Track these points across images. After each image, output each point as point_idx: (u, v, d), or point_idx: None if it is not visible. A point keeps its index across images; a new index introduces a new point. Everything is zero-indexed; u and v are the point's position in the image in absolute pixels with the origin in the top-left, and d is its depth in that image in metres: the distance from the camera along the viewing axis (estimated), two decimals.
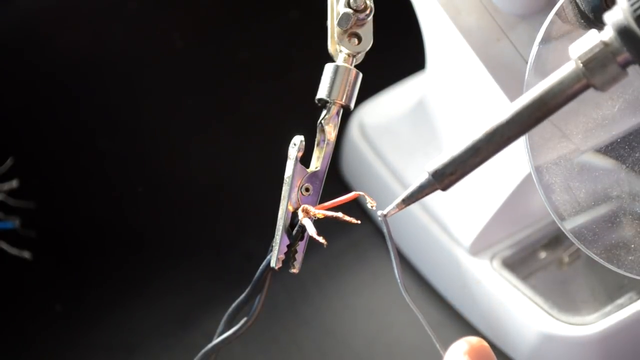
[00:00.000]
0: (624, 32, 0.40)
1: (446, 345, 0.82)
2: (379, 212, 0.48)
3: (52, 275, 0.86)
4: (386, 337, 0.82)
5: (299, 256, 0.51)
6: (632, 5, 0.40)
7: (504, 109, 0.43)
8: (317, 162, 0.52)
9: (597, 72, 0.41)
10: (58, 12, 0.91)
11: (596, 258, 0.58)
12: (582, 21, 0.56)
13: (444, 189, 0.45)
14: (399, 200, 0.48)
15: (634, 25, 0.40)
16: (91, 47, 0.93)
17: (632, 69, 0.42)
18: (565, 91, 0.42)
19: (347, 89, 0.52)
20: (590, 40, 0.42)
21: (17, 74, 0.90)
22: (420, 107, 0.84)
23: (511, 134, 0.44)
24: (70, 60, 0.92)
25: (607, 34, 0.41)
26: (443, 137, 0.81)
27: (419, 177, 0.46)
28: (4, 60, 0.89)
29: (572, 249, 0.79)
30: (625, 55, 0.41)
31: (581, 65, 0.41)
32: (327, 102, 0.52)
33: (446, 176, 0.45)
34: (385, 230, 0.49)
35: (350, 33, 0.52)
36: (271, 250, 0.51)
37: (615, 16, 0.41)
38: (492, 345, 0.80)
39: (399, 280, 0.49)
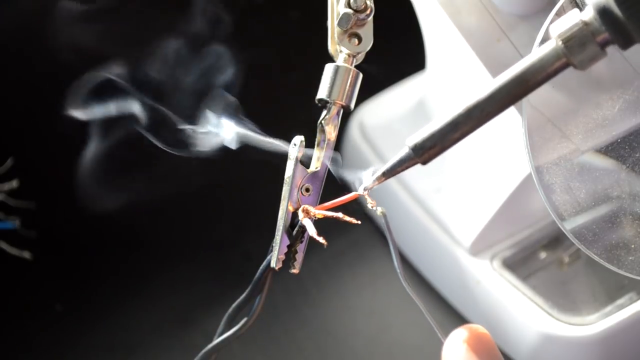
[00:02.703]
0: (603, 12, 0.41)
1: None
2: (360, 188, 0.48)
3: (52, 275, 0.86)
4: (386, 337, 0.82)
5: (299, 256, 0.51)
6: None
7: (485, 85, 0.44)
8: (317, 162, 0.52)
9: (576, 51, 0.42)
10: (58, 12, 0.91)
11: (596, 258, 0.58)
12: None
13: (424, 162, 0.45)
14: (379, 173, 0.47)
15: (613, 5, 0.40)
16: (91, 47, 0.93)
17: (632, 69, 0.42)
18: (545, 69, 0.43)
19: (347, 89, 0.52)
20: (570, 20, 0.42)
21: (17, 74, 0.90)
22: (420, 107, 0.84)
23: (490, 109, 0.44)
24: (70, 60, 0.92)
25: (588, 13, 0.41)
26: None
27: (400, 150, 0.46)
28: (4, 60, 0.89)
29: (573, 249, 0.79)
30: (604, 35, 0.41)
31: (561, 43, 0.42)
32: (327, 102, 0.52)
33: (426, 150, 0.45)
34: (383, 224, 0.49)
35: (351, 33, 0.52)
36: (271, 251, 0.51)
37: None
38: None
39: (397, 269, 0.49)
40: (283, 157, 0.52)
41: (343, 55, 0.52)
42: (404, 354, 0.81)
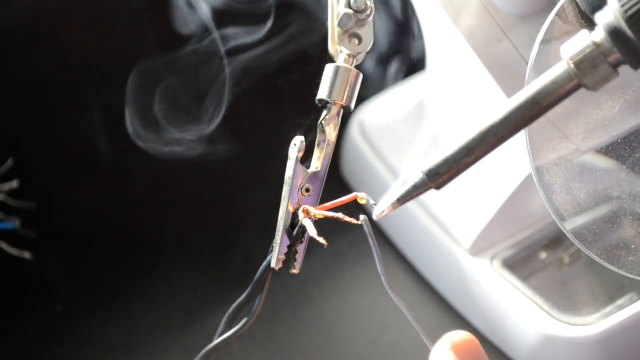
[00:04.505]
0: (614, 33, 0.41)
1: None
2: (374, 214, 0.48)
3: (52, 275, 0.86)
4: (386, 337, 0.82)
5: (299, 256, 0.51)
6: (622, 6, 0.40)
7: (497, 108, 0.44)
8: (318, 162, 0.52)
9: (588, 72, 0.42)
10: (58, 12, 0.91)
11: (596, 258, 0.58)
12: (583, 21, 0.56)
13: (438, 187, 0.45)
14: (393, 199, 0.47)
15: (624, 26, 0.40)
16: (91, 47, 0.93)
17: (632, 70, 0.42)
18: (557, 91, 0.43)
19: (347, 90, 0.52)
20: (581, 41, 0.42)
21: (17, 74, 0.90)
22: (420, 107, 0.84)
23: (504, 133, 0.44)
24: (70, 60, 0.92)
25: (598, 34, 0.41)
26: (443, 138, 0.81)
27: (413, 176, 0.46)
28: (4, 60, 0.89)
29: (573, 249, 0.79)
30: (616, 56, 0.41)
31: (572, 65, 0.42)
32: (327, 102, 0.52)
33: (440, 175, 0.45)
34: (367, 232, 0.49)
35: (351, 33, 0.52)
36: (271, 251, 0.51)
37: (605, 17, 0.41)
38: (492, 346, 0.80)
39: (382, 276, 0.49)
40: (283, 157, 0.52)
41: (343, 55, 0.52)
42: (404, 354, 0.81)
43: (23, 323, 0.83)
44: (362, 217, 0.49)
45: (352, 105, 0.52)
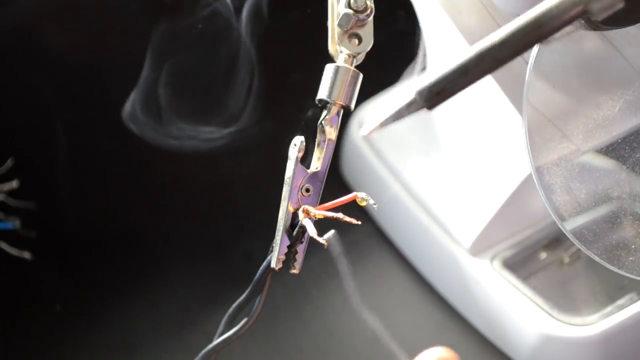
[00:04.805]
0: None
1: (445, 346, 0.82)
2: (362, 131, 0.46)
3: (52, 275, 0.86)
4: (386, 337, 0.82)
5: (300, 257, 0.51)
6: None
7: (497, 31, 0.43)
8: (318, 162, 0.52)
9: None
10: (58, 12, 0.91)
11: (596, 259, 0.58)
12: (582, 21, 0.56)
13: (430, 108, 0.44)
14: (384, 117, 0.45)
15: None
16: (91, 47, 0.93)
17: (632, 69, 0.42)
18: (562, 15, 0.42)
19: (347, 90, 0.52)
20: None
21: (17, 74, 0.90)
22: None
23: (502, 56, 0.43)
24: (70, 60, 0.92)
25: None
26: (443, 138, 0.81)
27: (406, 95, 0.44)
28: (4, 60, 0.89)
29: (573, 249, 0.79)
30: None
31: None
32: (327, 102, 0.52)
33: (433, 94, 0.43)
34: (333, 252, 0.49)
35: (351, 34, 0.52)
36: (271, 251, 0.51)
37: None
38: (492, 346, 0.80)
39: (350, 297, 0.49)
40: (283, 157, 0.52)
41: (343, 55, 0.52)
42: (404, 354, 0.81)
43: (23, 323, 0.83)
44: (326, 235, 0.49)
45: (352, 105, 0.52)
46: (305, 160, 0.52)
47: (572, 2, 0.41)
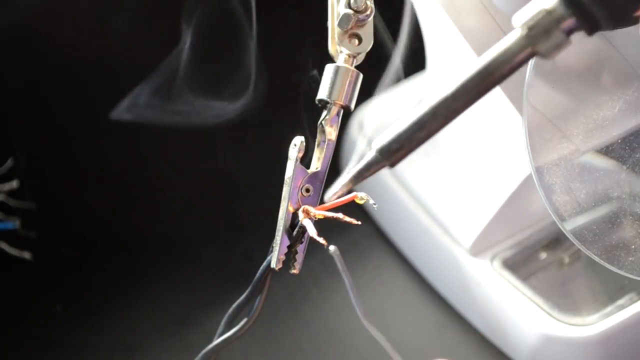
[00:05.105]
0: None
1: (445, 346, 0.82)
2: (327, 195, 0.47)
3: (52, 275, 0.86)
4: (386, 337, 0.82)
5: (300, 257, 0.51)
6: None
7: (449, 82, 0.43)
8: (318, 162, 0.52)
9: (541, 39, 0.41)
10: (58, 12, 0.91)
11: (596, 259, 0.58)
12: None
13: (392, 165, 0.44)
14: (346, 179, 0.46)
15: None
16: (91, 47, 0.93)
17: (632, 69, 0.42)
18: (510, 60, 0.41)
19: (347, 90, 0.52)
20: (533, 8, 0.41)
21: (17, 74, 0.90)
22: (420, 107, 0.84)
23: (457, 106, 0.43)
24: (70, 60, 0.92)
25: (551, 1, 0.41)
26: (443, 138, 0.81)
27: (367, 154, 0.45)
28: (3, 60, 0.89)
29: (573, 249, 0.79)
30: (569, 22, 0.40)
31: (525, 32, 0.41)
32: (327, 102, 0.52)
33: (392, 152, 0.44)
34: (339, 263, 0.49)
35: (351, 34, 0.52)
36: (271, 251, 0.51)
37: None
38: (492, 346, 0.80)
39: (356, 307, 0.49)
40: (283, 158, 0.52)
41: (343, 55, 0.52)
42: (405, 354, 0.81)
43: (23, 323, 0.83)
44: (332, 247, 0.49)
45: (352, 105, 0.52)
46: (305, 160, 0.52)
47: (519, 47, 0.41)
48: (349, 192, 0.47)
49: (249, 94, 0.76)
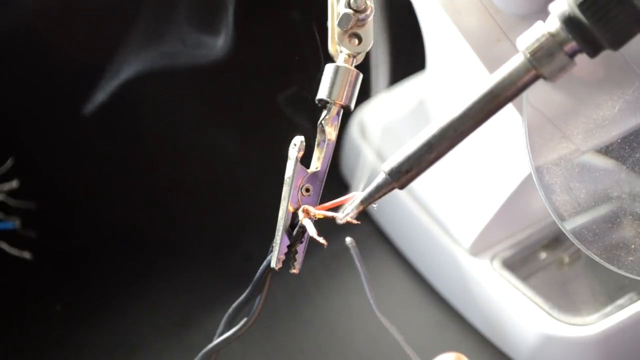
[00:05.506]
0: (568, 21, 0.41)
1: (445, 346, 0.82)
2: (338, 219, 0.49)
3: (53, 275, 0.86)
4: (387, 337, 0.82)
5: (299, 256, 0.51)
6: None
7: (457, 104, 0.44)
8: (318, 162, 0.52)
9: (545, 62, 0.42)
10: (58, 12, 0.91)
11: (596, 258, 0.58)
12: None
13: (402, 187, 0.45)
14: (357, 201, 0.47)
15: (577, 12, 0.40)
16: (91, 47, 0.93)
17: (632, 69, 0.42)
18: (515, 83, 0.43)
19: (347, 90, 0.52)
20: (537, 32, 0.42)
21: (17, 74, 0.90)
22: (420, 107, 0.84)
23: (464, 128, 0.44)
24: (70, 61, 0.92)
25: (553, 24, 0.41)
26: None
27: (376, 177, 0.46)
28: (3, 60, 0.89)
29: (573, 249, 0.79)
30: (571, 45, 0.41)
31: (529, 56, 0.42)
32: (327, 102, 0.52)
33: (402, 174, 0.45)
34: (354, 255, 0.49)
35: (351, 33, 0.52)
36: (271, 251, 0.51)
37: (560, 7, 0.41)
38: (492, 346, 0.80)
39: (371, 300, 0.49)
40: (283, 158, 0.52)
41: (343, 55, 0.52)
42: (405, 354, 0.81)
43: (23, 323, 0.83)
44: (348, 239, 0.49)
45: (352, 105, 0.52)
46: (304, 160, 0.52)
47: (524, 70, 0.42)
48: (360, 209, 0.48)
49: None
